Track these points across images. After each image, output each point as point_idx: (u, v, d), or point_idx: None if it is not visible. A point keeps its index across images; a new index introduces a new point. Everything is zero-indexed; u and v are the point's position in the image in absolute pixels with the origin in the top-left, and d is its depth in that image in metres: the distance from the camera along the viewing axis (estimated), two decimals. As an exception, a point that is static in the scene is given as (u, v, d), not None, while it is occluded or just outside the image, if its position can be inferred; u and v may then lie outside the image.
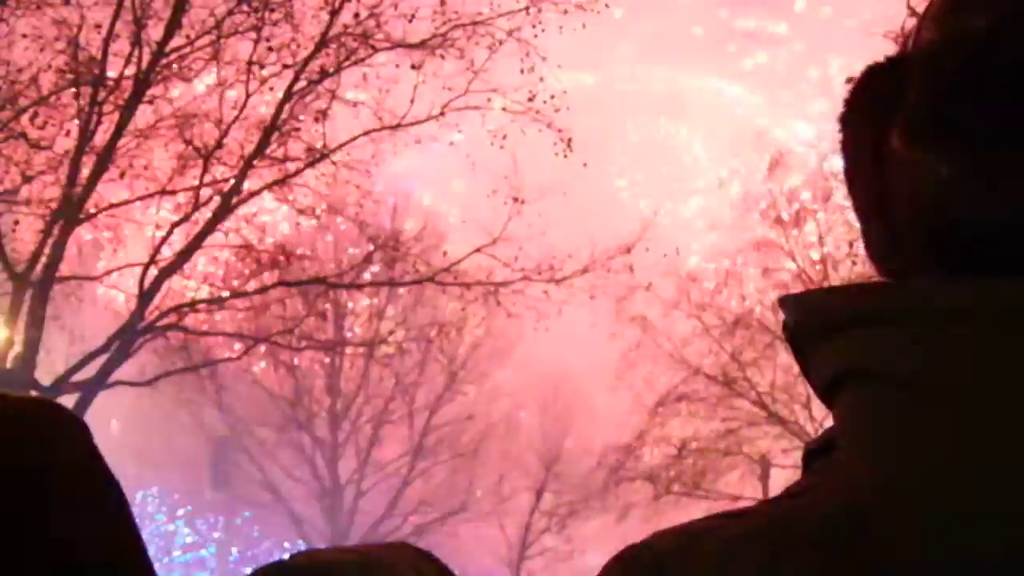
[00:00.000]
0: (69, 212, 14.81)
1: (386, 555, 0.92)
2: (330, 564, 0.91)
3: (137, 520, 0.90)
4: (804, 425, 21.79)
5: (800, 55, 33.53)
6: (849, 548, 0.59)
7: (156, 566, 0.89)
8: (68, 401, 14.77)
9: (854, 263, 22.09)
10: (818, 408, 19.47)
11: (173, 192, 16.35)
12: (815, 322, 0.66)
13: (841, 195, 23.00)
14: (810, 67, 33.17)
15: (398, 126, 16.87)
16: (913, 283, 0.65)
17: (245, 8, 15.82)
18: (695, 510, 23.38)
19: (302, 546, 29.89)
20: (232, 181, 16.11)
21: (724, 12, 34.22)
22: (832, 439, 0.66)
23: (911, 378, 0.60)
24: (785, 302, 0.68)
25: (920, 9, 0.71)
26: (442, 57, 16.66)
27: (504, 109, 16.85)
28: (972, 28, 0.64)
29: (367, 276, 19.83)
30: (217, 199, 16.13)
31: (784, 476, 22.31)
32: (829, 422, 0.70)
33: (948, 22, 0.67)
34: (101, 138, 15.17)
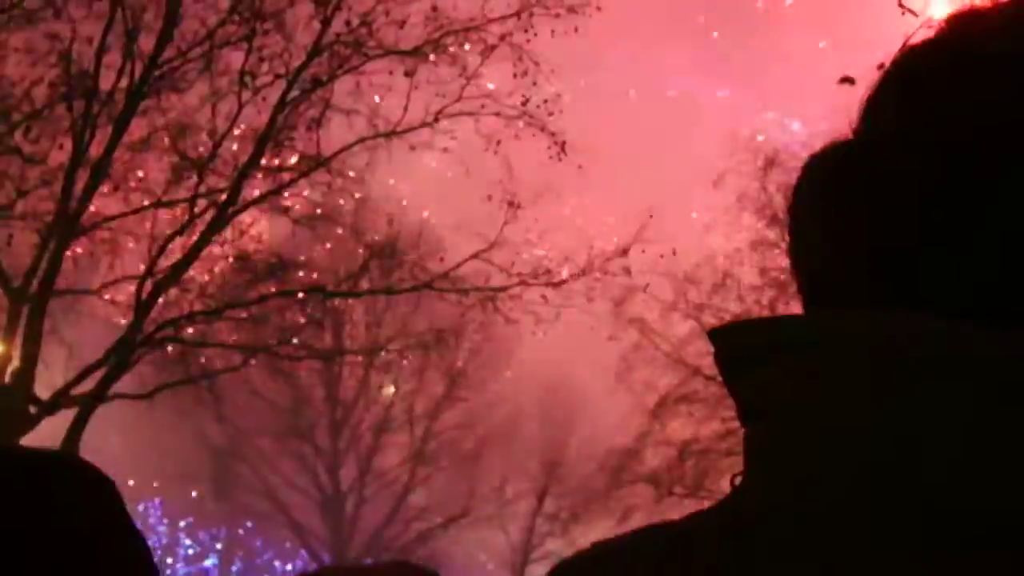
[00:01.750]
0: (64, 226, 14.80)
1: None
2: None
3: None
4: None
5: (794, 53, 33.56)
6: (724, 568, 0.64)
7: (158, 578, 0.89)
8: (67, 415, 14.76)
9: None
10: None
11: (168, 204, 16.34)
12: (733, 354, 0.73)
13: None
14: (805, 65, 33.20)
15: (392, 133, 16.87)
16: (785, 320, 0.71)
17: (236, 18, 15.83)
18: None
19: (304, 556, 29.89)
20: (227, 192, 16.11)
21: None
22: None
23: (774, 410, 0.66)
24: (712, 335, 0.75)
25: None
26: (435, 63, 16.68)
27: (498, 114, 16.87)
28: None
29: (364, 284, 19.83)
30: (213, 210, 16.12)
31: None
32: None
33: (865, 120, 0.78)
34: (95, 151, 15.16)
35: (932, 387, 0.61)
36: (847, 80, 14.13)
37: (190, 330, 17.17)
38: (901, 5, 11.99)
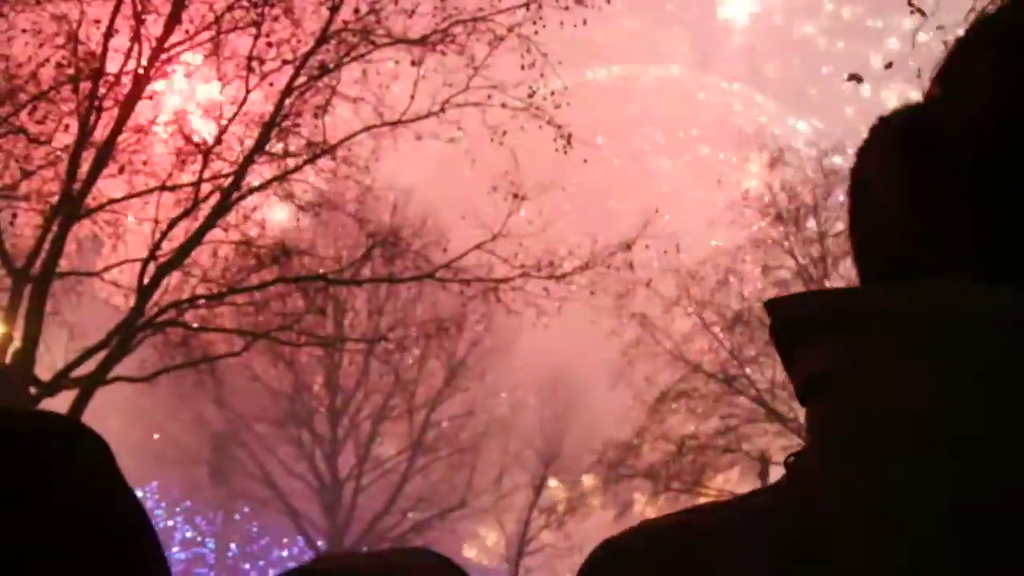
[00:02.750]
0: (68, 207, 14.80)
1: (411, 563, 0.91)
2: (356, 571, 0.89)
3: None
4: (803, 423, 21.79)
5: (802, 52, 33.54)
6: (793, 548, 0.61)
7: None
8: (68, 397, 14.78)
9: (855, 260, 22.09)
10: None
11: (173, 188, 16.34)
12: (790, 326, 0.68)
13: (841, 192, 23.02)
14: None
15: (398, 122, 16.86)
16: (864, 289, 0.68)
17: (245, 3, 15.82)
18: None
19: (301, 542, 29.95)
20: (232, 177, 16.11)
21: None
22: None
23: (848, 383, 0.62)
24: (769, 305, 0.70)
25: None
26: (443, 53, 16.66)
27: (504, 105, 16.85)
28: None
29: (366, 272, 19.83)
30: (217, 195, 16.13)
31: (783, 473, 22.32)
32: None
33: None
34: (101, 133, 15.16)
35: None
36: (854, 78, 14.13)
37: (192, 314, 17.19)
38: (911, 4, 11.95)
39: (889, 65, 13.02)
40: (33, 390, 14.32)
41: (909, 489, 0.57)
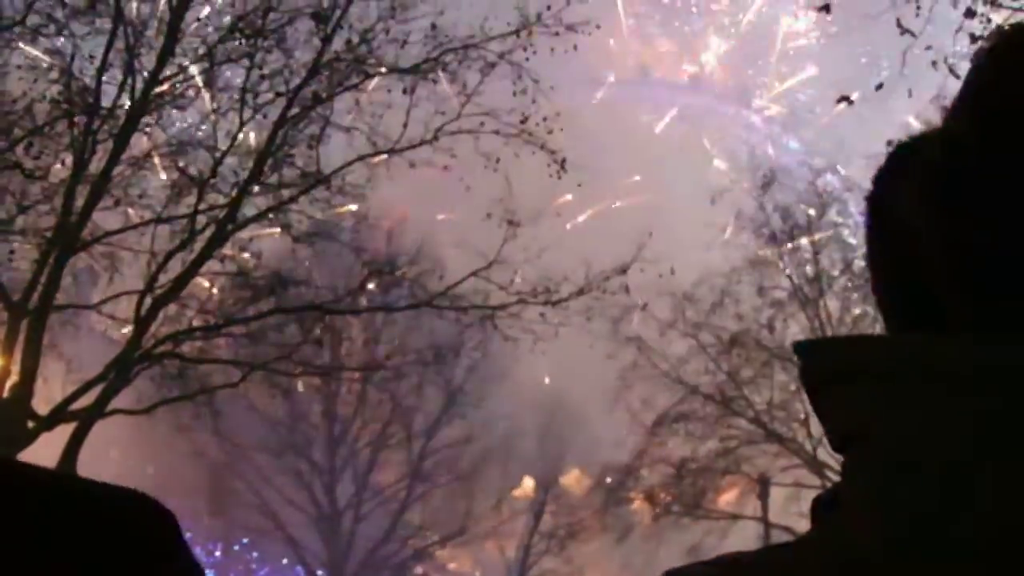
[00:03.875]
0: (65, 241, 14.82)
1: None
2: None
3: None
4: (802, 443, 21.78)
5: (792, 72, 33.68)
6: None
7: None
8: (66, 430, 14.75)
9: (849, 280, 22.14)
10: (816, 426, 19.47)
11: (168, 220, 16.37)
12: (823, 372, 0.67)
13: (834, 212, 23.10)
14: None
15: (392, 151, 16.91)
16: (908, 339, 0.66)
17: (237, 36, 15.89)
18: (695, 530, 23.36)
19: (300, 572, 29.81)
20: (227, 208, 16.14)
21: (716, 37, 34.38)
22: (838, 493, 0.67)
23: (896, 441, 0.62)
24: (799, 348, 0.69)
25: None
26: (434, 81, 16.74)
27: (497, 132, 16.91)
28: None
29: (363, 301, 19.83)
30: (212, 226, 16.15)
31: (783, 494, 22.29)
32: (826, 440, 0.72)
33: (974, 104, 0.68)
34: (96, 167, 15.20)
35: None
36: (845, 100, 14.22)
37: (188, 346, 17.18)
38: (899, 25, 12.06)
39: (880, 87, 13.11)
40: (31, 423, 14.30)
41: (943, 542, 0.58)
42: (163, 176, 16.54)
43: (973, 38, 11.17)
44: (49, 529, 0.81)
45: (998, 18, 11.12)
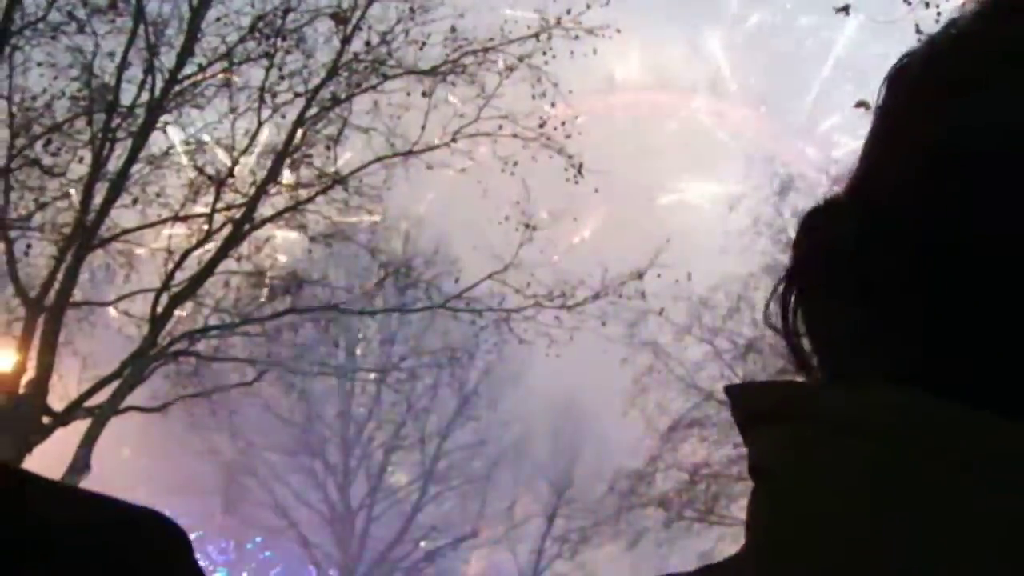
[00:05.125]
0: (82, 238, 14.88)
1: None
2: None
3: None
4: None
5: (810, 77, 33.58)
6: None
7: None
8: (81, 426, 14.81)
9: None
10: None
11: (186, 218, 16.42)
12: (743, 413, 0.68)
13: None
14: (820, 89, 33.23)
15: (410, 152, 16.92)
16: (805, 388, 0.67)
17: (257, 36, 15.94)
18: (708, 536, 23.30)
19: (313, 572, 29.86)
20: (244, 208, 16.18)
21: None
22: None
23: (781, 475, 0.62)
24: (729, 392, 0.70)
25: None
26: (453, 84, 16.75)
27: (515, 135, 16.91)
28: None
29: (379, 302, 19.85)
30: (230, 225, 16.20)
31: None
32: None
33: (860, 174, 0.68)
34: (114, 165, 15.27)
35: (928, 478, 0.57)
36: (862, 104, 14.15)
37: (204, 344, 17.23)
38: (918, 31, 12.01)
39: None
40: (46, 419, 14.36)
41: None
42: (181, 175, 16.59)
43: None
44: (54, 551, 0.80)
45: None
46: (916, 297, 0.62)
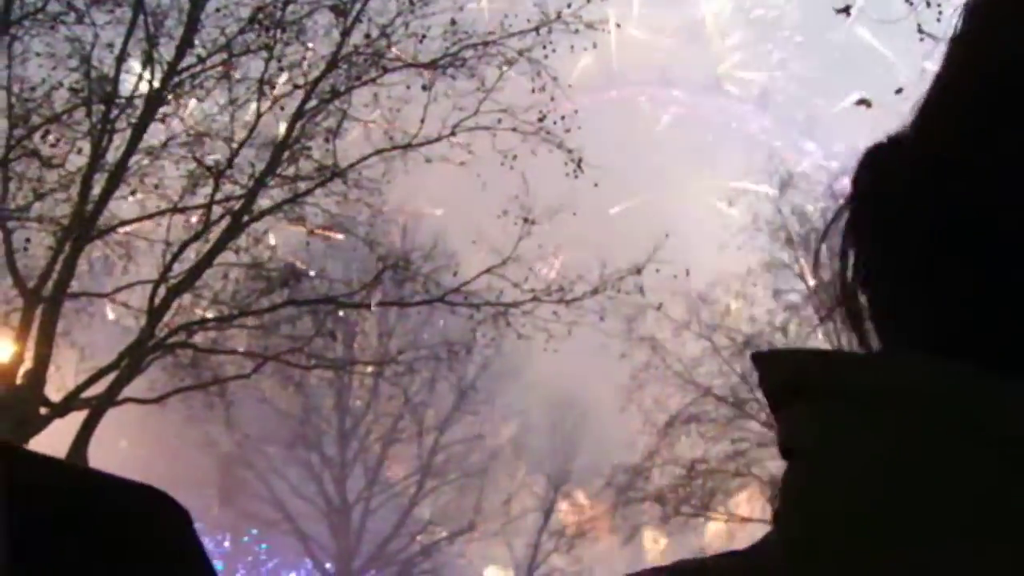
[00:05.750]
0: (81, 229, 14.86)
1: None
2: None
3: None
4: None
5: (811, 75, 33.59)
6: None
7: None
8: (77, 417, 14.79)
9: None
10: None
11: (184, 210, 16.40)
12: (771, 386, 0.64)
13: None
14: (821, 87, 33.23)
15: (409, 146, 16.90)
16: (839, 358, 0.62)
17: (256, 27, 15.91)
18: (704, 531, 23.32)
19: (309, 565, 29.88)
20: (243, 200, 16.16)
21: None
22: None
23: (812, 453, 0.59)
24: (756, 359, 0.66)
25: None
26: (452, 77, 16.72)
27: (514, 129, 16.88)
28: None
29: (377, 295, 19.83)
30: (228, 217, 16.17)
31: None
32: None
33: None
34: (113, 156, 15.24)
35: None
36: (863, 102, 14.13)
37: (201, 336, 17.21)
38: (920, 30, 12.00)
39: (899, 91, 13.03)
40: (43, 410, 14.34)
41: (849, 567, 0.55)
42: (180, 166, 16.56)
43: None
44: (59, 525, 0.78)
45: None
46: (965, 260, 0.57)
